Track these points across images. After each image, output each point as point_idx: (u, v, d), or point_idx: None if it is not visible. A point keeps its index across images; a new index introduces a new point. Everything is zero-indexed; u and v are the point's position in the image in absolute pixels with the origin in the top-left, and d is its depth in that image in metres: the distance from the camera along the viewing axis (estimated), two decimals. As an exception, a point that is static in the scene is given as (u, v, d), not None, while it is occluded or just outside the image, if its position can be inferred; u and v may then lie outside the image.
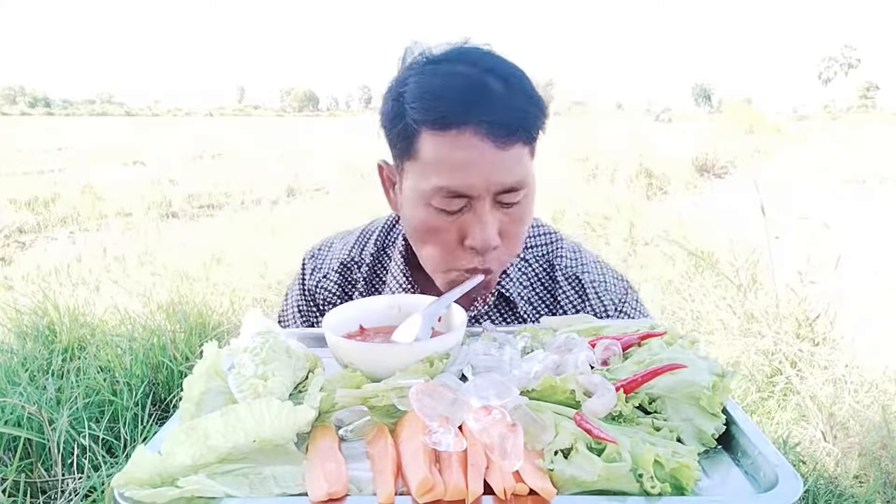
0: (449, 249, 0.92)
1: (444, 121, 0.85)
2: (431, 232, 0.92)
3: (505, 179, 0.87)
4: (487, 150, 0.85)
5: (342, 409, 0.64)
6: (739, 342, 3.65)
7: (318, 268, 1.18)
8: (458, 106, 0.85)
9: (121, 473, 0.51)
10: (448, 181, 0.86)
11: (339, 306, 0.87)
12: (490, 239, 0.88)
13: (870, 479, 2.53)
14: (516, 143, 0.86)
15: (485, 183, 0.86)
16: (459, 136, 0.85)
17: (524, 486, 0.52)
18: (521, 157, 0.88)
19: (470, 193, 0.87)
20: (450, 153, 0.85)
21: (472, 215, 0.89)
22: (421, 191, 0.89)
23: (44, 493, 2.25)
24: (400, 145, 0.92)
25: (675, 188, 10.04)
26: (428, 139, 0.87)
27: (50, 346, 3.28)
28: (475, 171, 0.85)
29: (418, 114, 0.87)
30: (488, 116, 0.84)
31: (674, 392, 0.65)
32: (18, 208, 8.70)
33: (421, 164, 0.89)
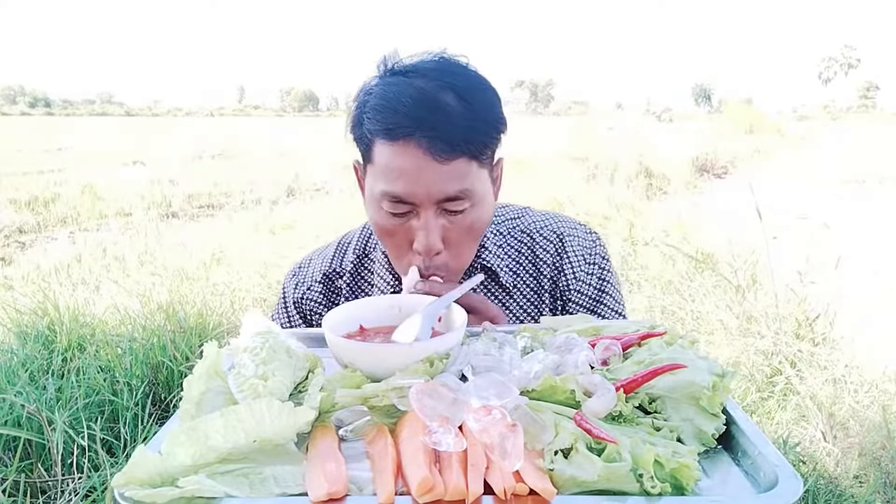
0: (401, 251, 1.00)
1: (392, 132, 0.93)
2: (384, 233, 1.00)
3: (445, 190, 0.93)
4: (427, 162, 0.91)
5: (342, 409, 0.64)
6: (739, 342, 3.65)
7: (300, 282, 1.22)
8: (405, 119, 0.92)
9: (121, 473, 0.51)
10: (392, 187, 0.94)
11: (338, 306, 0.88)
12: (432, 244, 0.95)
13: (870, 479, 2.53)
14: (458, 157, 0.92)
15: (424, 192, 0.93)
16: (405, 147, 0.92)
17: (524, 486, 0.52)
18: (465, 171, 0.94)
19: (411, 200, 0.94)
20: (394, 162, 0.93)
21: (417, 221, 0.96)
22: (374, 194, 0.97)
23: (44, 493, 2.25)
24: (360, 150, 1.01)
25: (675, 188, 10.04)
26: (380, 147, 0.95)
27: (50, 346, 3.27)
28: (415, 181, 0.92)
29: (372, 124, 0.95)
30: (431, 132, 0.91)
31: (674, 392, 0.65)
32: (18, 208, 8.70)
33: (374, 170, 0.97)
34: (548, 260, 1.16)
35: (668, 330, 0.78)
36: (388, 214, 0.97)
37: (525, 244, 1.18)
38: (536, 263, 1.17)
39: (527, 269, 1.17)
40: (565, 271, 1.16)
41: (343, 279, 1.19)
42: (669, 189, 9.98)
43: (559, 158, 10.66)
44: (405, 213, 0.96)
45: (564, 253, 1.16)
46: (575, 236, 1.18)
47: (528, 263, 1.17)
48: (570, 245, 1.17)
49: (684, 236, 6.25)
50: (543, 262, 1.16)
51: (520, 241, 1.18)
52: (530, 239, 1.18)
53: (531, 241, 1.18)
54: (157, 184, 10.84)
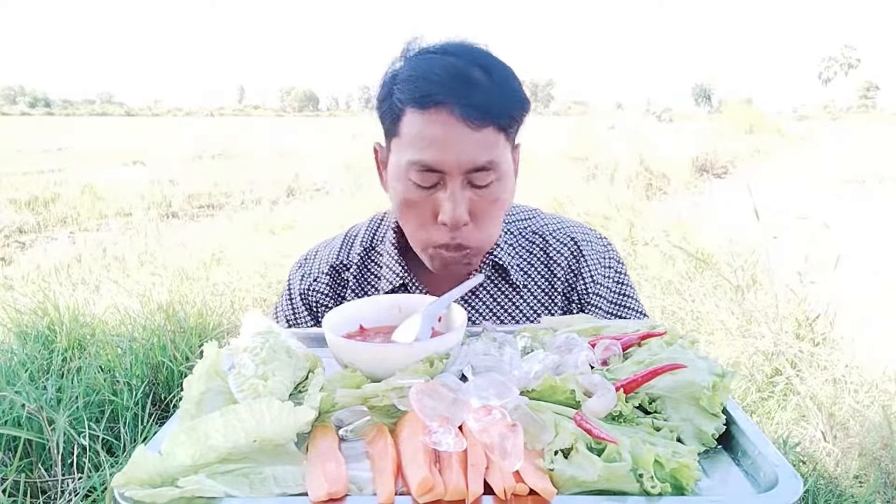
0: (425, 224, 0.99)
1: (423, 100, 0.93)
2: (409, 206, 0.98)
3: (475, 158, 0.93)
4: (460, 129, 0.92)
5: (342, 409, 0.64)
6: (739, 342, 3.64)
7: (307, 273, 1.20)
8: (438, 87, 0.92)
9: (121, 473, 0.51)
10: (421, 156, 0.93)
11: (338, 306, 0.88)
12: (460, 215, 0.94)
13: (870, 479, 2.53)
14: (488, 126, 0.93)
15: (454, 160, 0.92)
16: (436, 115, 0.92)
17: (524, 486, 0.52)
18: (494, 141, 0.94)
19: (441, 168, 0.93)
20: (425, 129, 0.93)
21: (445, 192, 0.95)
22: (401, 166, 0.96)
23: (44, 493, 2.25)
24: (387, 124, 1.00)
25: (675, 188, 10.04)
26: (409, 117, 0.95)
27: (50, 346, 3.27)
28: (446, 148, 0.92)
29: (403, 94, 0.95)
30: (464, 99, 0.91)
31: (674, 392, 0.65)
32: (18, 208, 8.70)
33: (402, 141, 0.96)
34: (562, 263, 1.15)
35: (668, 330, 0.78)
36: (415, 186, 0.96)
37: (537, 245, 1.17)
38: (549, 265, 1.16)
39: (538, 269, 1.16)
40: (583, 275, 1.15)
41: (350, 271, 1.18)
42: (669, 189, 9.97)
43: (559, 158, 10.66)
44: (432, 185, 0.95)
45: (581, 257, 1.16)
46: (589, 241, 1.18)
47: (539, 264, 1.16)
48: (585, 249, 1.17)
49: (684, 236, 6.24)
50: (557, 264, 1.15)
51: (531, 242, 1.17)
52: (543, 241, 1.17)
53: (544, 242, 1.17)
54: (157, 184, 10.84)
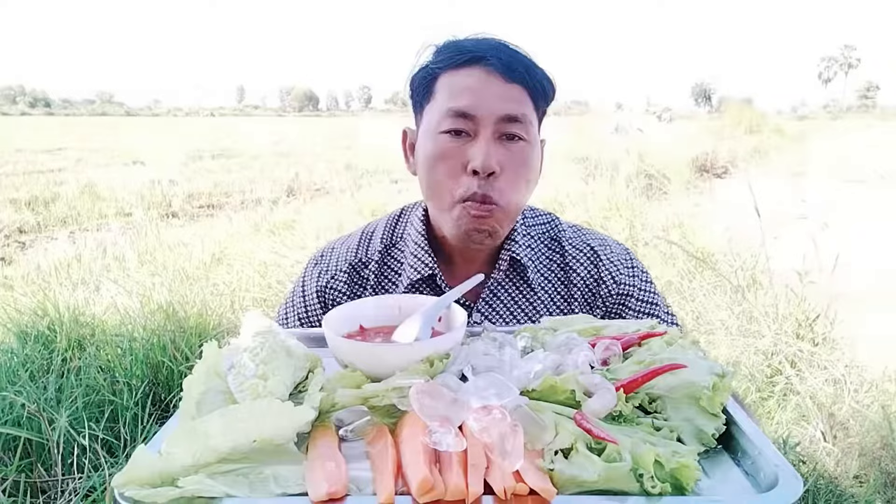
0: (454, 175, 1.00)
1: (459, 58, 1.00)
2: (440, 158, 1.01)
3: (507, 108, 0.98)
4: (493, 80, 0.98)
5: (342, 409, 0.64)
6: (739, 342, 3.64)
7: (324, 270, 1.19)
8: (474, 47, 1.01)
9: (121, 473, 0.51)
10: (456, 103, 0.98)
11: (338, 306, 0.87)
12: (489, 161, 0.97)
13: (870, 479, 2.53)
14: (521, 83, 0.99)
15: (487, 107, 0.98)
16: (472, 69, 1.00)
17: (524, 486, 0.52)
18: (524, 100, 1.00)
19: (475, 113, 0.98)
20: (461, 83, 1.00)
21: (475, 143, 0.99)
22: (433, 123, 1.01)
23: (44, 493, 2.25)
24: (420, 93, 1.06)
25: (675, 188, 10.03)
26: (444, 79, 1.02)
27: (50, 346, 3.27)
28: (481, 95, 0.98)
29: (438, 59, 1.03)
30: (497, 56, 0.99)
31: (674, 392, 0.65)
32: (18, 208, 8.70)
33: (436, 102, 1.02)
34: (580, 271, 1.15)
35: (668, 330, 0.78)
36: (447, 137, 0.99)
37: (556, 252, 1.17)
38: (567, 272, 1.16)
39: (556, 274, 1.16)
40: (605, 280, 1.15)
41: (369, 268, 1.17)
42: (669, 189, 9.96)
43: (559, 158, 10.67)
44: (464, 131, 0.99)
45: (600, 262, 1.16)
46: (606, 246, 1.19)
47: (557, 269, 1.16)
48: (604, 255, 1.17)
49: (684, 236, 6.24)
50: (575, 272, 1.15)
51: (549, 249, 1.17)
52: (560, 248, 1.17)
53: (562, 249, 1.17)
54: (157, 184, 10.84)
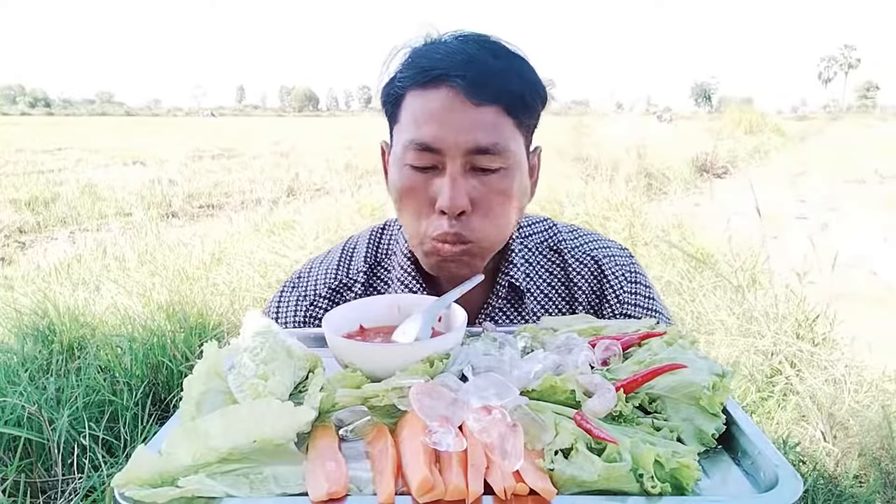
0: (422, 214, 0.91)
1: (424, 75, 0.87)
2: (406, 193, 0.91)
3: (477, 138, 0.86)
4: (459, 104, 0.85)
5: (342, 409, 0.64)
6: (739, 342, 3.65)
7: (303, 296, 1.09)
8: (440, 61, 0.87)
9: (121, 473, 0.51)
10: (419, 134, 0.87)
11: (339, 306, 0.87)
12: (457, 199, 0.86)
13: (870, 479, 2.53)
14: (492, 105, 0.86)
15: (453, 138, 0.86)
16: (436, 91, 0.87)
17: (524, 486, 0.52)
18: (499, 124, 0.87)
19: (439, 147, 0.86)
20: (424, 108, 0.87)
21: (444, 178, 0.88)
22: (399, 151, 0.91)
23: (44, 493, 2.25)
24: (389, 112, 0.95)
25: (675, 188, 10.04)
26: (410, 98, 0.90)
27: (50, 346, 3.28)
28: (443, 124, 0.86)
29: (404, 74, 0.90)
30: (465, 72, 0.85)
31: (674, 392, 0.65)
32: (18, 208, 8.70)
33: (402, 126, 0.91)
34: (584, 286, 1.08)
35: (668, 330, 0.78)
36: (412, 171, 0.89)
37: (557, 265, 1.09)
38: (570, 288, 1.08)
39: (559, 292, 1.08)
40: (608, 299, 1.08)
41: (353, 290, 1.08)
42: (669, 189, 9.97)
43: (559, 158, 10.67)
44: (430, 167, 0.88)
45: (604, 278, 1.08)
46: (611, 257, 1.10)
47: (560, 286, 1.08)
48: (608, 269, 1.09)
49: (684, 236, 6.25)
50: (579, 287, 1.08)
51: (550, 261, 1.09)
52: (562, 260, 1.09)
53: (563, 262, 1.09)
54: (157, 184, 10.85)
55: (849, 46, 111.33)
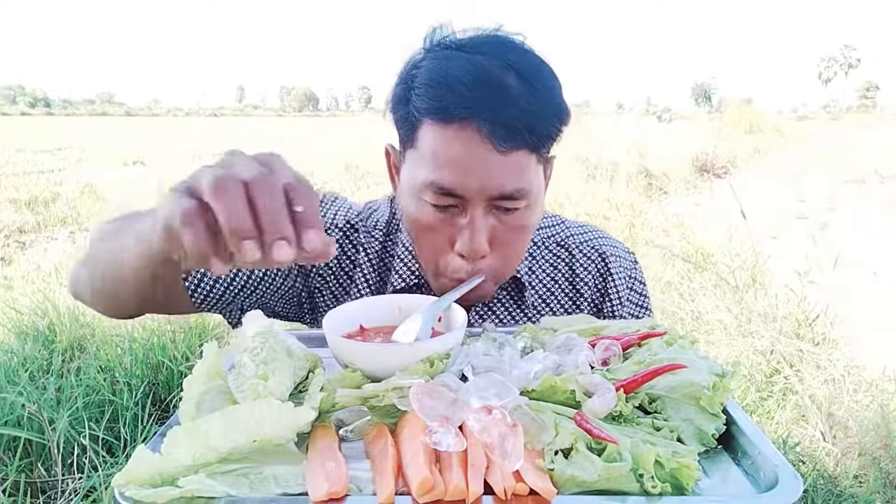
0: (439, 252, 0.89)
1: (446, 112, 0.81)
2: (422, 229, 0.88)
3: (501, 186, 0.82)
4: (486, 151, 0.80)
5: (342, 409, 0.64)
6: (739, 342, 3.65)
7: None
8: (464, 100, 0.80)
9: (121, 473, 0.51)
10: (440, 177, 0.82)
11: (338, 306, 0.87)
12: (479, 246, 0.85)
13: (869, 479, 2.53)
14: (521, 148, 0.82)
15: (478, 186, 0.82)
16: (460, 132, 0.80)
17: (524, 486, 0.52)
18: (525, 166, 0.83)
19: (462, 194, 0.83)
20: (447, 148, 0.81)
21: (464, 218, 0.85)
22: (415, 184, 0.86)
23: (44, 493, 2.25)
24: (403, 132, 0.88)
25: (675, 188, 10.04)
26: (428, 130, 0.83)
27: (50, 346, 3.28)
28: (470, 172, 0.81)
29: (422, 101, 0.83)
30: (494, 115, 0.79)
31: (674, 392, 0.65)
32: (18, 208, 8.69)
33: (419, 155, 0.85)
34: (589, 281, 1.06)
35: (668, 330, 0.78)
36: (431, 208, 0.85)
37: (562, 259, 1.07)
38: (575, 283, 1.06)
39: (563, 287, 1.06)
40: (610, 297, 1.06)
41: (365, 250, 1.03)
42: (669, 189, 9.97)
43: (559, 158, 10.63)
44: (449, 206, 0.84)
45: (609, 275, 1.06)
46: (617, 256, 1.08)
47: (564, 281, 1.06)
48: (614, 267, 1.07)
49: (684, 236, 6.25)
50: (584, 282, 1.06)
51: (556, 256, 1.07)
52: (568, 254, 1.07)
53: (570, 256, 1.07)
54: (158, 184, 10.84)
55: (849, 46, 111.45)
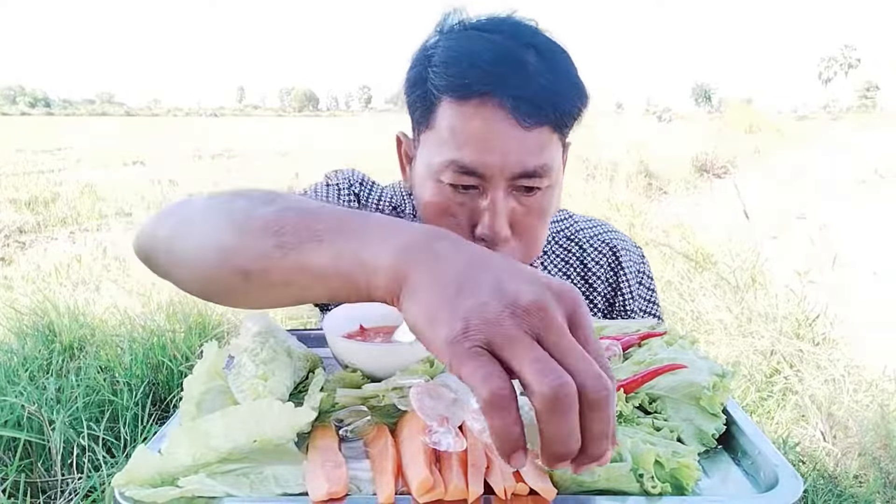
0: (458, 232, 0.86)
1: (466, 89, 0.78)
2: (439, 213, 0.84)
3: (524, 163, 0.79)
4: (509, 127, 0.77)
5: (342, 409, 0.64)
6: (739, 342, 3.65)
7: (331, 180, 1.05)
8: (485, 75, 0.77)
9: (121, 473, 0.51)
10: (461, 155, 0.79)
11: (339, 306, 0.87)
12: (500, 229, 0.81)
13: (869, 479, 2.53)
14: (544, 125, 0.79)
15: (500, 162, 0.79)
16: (481, 108, 0.78)
17: (524, 486, 0.52)
18: (547, 143, 0.81)
19: (483, 172, 0.79)
20: (467, 125, 0.79)
21: (485, 200, 0.81)
22: (433, 165, 0.82)
23: (44, 493, 2.25)
24: (418, 113, 0.85)
25: (675, 188, 10.04)
26: (447, 108, 0.80)
27: (50, 346, 3.28)
28: (492, 149, 0.78)
29: (441, 79, 0.80)
30: (516, 91, 0.77)
31: (674, 392, 0.65)
32: (18, 208, 8.69)
33: (436, 135, 0.82)
34: (601, 275, 1.05)
35: (668, 330, 0.78)
36: (449, 190, 0.82)
37: (573, 254, 1.06)
38: (587, 278, 1.06)
39: (575, 282, 1.04)
40: (622, 290, 1.06)
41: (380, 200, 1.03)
42: (669, 189, 9.97)
43: (559, 158, 10.61)
44: (469, 187, 0.81)
45: (620, 269, 1.06)
46: (627, 250, 1.07)
47: (577, 276, 1.05)
48: (624, 261, 1.06)
49: (684, 236, 6.25)
50: (596, 276, 1.05)
51: (566, 250, 1.06)
52: (579, 249, 1.06)
53: (581, 251, 1.06)
54: (157, 184, 10.84)
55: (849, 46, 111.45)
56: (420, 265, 0.46)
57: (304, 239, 0.52)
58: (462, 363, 0.41)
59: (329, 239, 0.51)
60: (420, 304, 0.44)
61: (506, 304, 0.41)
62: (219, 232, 0.58)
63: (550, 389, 0.39)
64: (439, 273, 0.45)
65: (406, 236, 0.49)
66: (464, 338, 0.41)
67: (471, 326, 0.41)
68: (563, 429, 0.40)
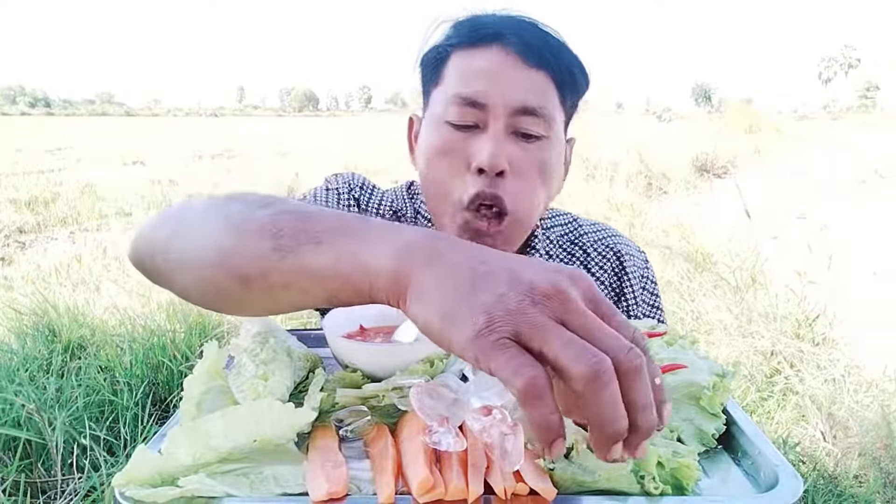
0: (457, 173, 0.86)
1: (474, 37, 0.86)
2: (441, 153, 0.86)
3: (525, 99, 0.83)
4: (512, 63, 0.83)
5: (342, 409, 0.64)
6: (739, 342, 3.65)
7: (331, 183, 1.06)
8: (494, 24, 0.86)
9: (121, 473, 0.51)
10: (464, 87, 0.84)
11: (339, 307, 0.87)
12: (498, 157, 0.82)
13: (869, 479, 2.53)
14: (544, 69, 0.84)
15: (501, 95, 0.83)
16: (487, 52, 0.85)
17: (524, 486, 0.52)
18: (547, 89, 0.85)
19: (485, 101, 0.83)
20: (473, 63, 0.85)
21: (484, 135, 0.84)
22: (438, 112, 0.87)
23: (44, 493, 2.25)
24: (429, 74, 0.91)
25: (675, 188, 10.04)
26: (455, 60, 0.87)
27: (50, 346, 3.27)
28: (495, 80, 0.83)
29: (450, 36, 0.88)
30: (521, 36, 0.84)
31: (674, 392, 0.65)
32: (18, 208, 8.69)
33: (443, 86, 0.88)
34: (605, 280, 1.06)
35: (668, 330, 0.78)
36: (450, 128, 0.85)
37: (577, 258, 1.07)
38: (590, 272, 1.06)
39: None
40: (626, 295, 1.07)
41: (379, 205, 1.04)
42: (669, 189, 9.97)
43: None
44: (471, 125, 0.85)
45: (624, 274, 1.07)
46: (631, 255, 1.08)
47: None
48: (629, 266, 1.07)
49: (684, 236, 6.25)
50: (600, 281, 1.06)
51: (570, 255, 1.07)
52: (583, 253, 1.07)
53: (584, 255, 1.07)
54: (157, 184, 10.85)
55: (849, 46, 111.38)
56: (424, 265, 0.46)
57: (302, 241, 0.52)
58: (491, 357, 0.40)
59: (328, 241, 0.51)
60: (432, 305, 0.44)
61: (524, 292, 0.41)
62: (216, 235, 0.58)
63: (589, 369, 0.39)
64: (447, 272, 0.44)
65: (406, 237, 0.49)
66: (489, 331, 0.40)
67: (495, 319, 0.40)
68: (610, 406, 0.40)
